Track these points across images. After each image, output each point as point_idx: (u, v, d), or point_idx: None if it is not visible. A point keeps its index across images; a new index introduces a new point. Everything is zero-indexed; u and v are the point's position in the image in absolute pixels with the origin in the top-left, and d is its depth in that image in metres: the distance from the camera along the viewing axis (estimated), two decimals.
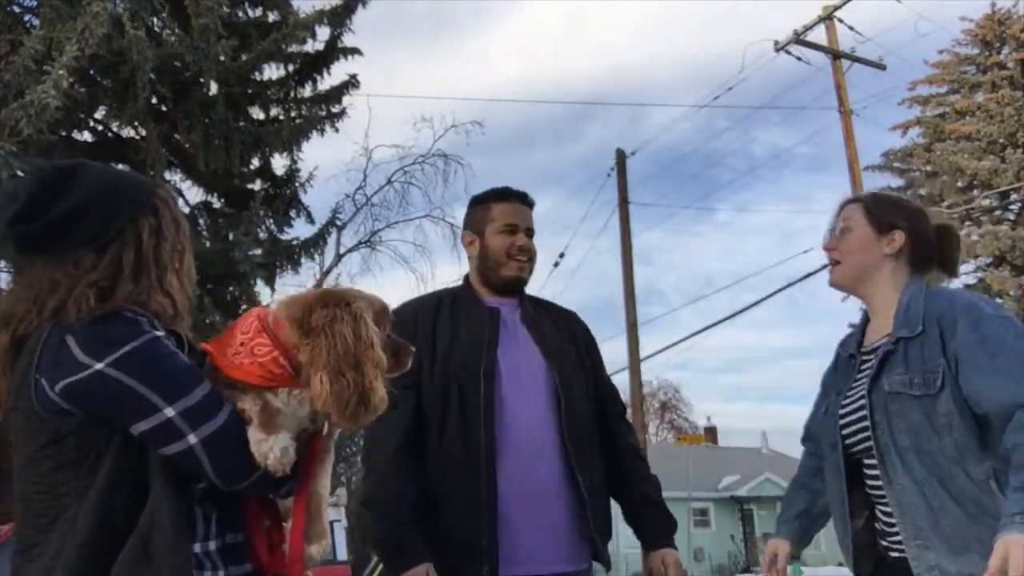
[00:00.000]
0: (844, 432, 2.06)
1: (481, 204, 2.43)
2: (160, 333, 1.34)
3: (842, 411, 2.08)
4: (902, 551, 1.92)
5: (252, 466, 1.30)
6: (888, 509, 1.95)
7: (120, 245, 1.38)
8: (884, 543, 2.00)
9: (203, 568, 1.32)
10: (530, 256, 2.36)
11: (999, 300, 21.45)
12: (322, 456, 1.47)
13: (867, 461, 2.02)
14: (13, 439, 1.36)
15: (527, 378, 2.24)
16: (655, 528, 2.32)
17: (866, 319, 2.17)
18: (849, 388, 2.09)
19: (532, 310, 2.41)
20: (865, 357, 2.10)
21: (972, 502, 1.80)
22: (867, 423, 1.98)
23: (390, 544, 2.08)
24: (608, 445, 2.35)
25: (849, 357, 2.16)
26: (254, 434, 1.30)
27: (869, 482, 2.03)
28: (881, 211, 2.13)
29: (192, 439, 1.27)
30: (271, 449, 1.29)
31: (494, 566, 2.04)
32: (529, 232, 2.38)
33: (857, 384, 2.07)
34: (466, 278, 2.44)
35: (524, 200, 2.42)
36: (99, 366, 1.25)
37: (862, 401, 2.00)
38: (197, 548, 1.32)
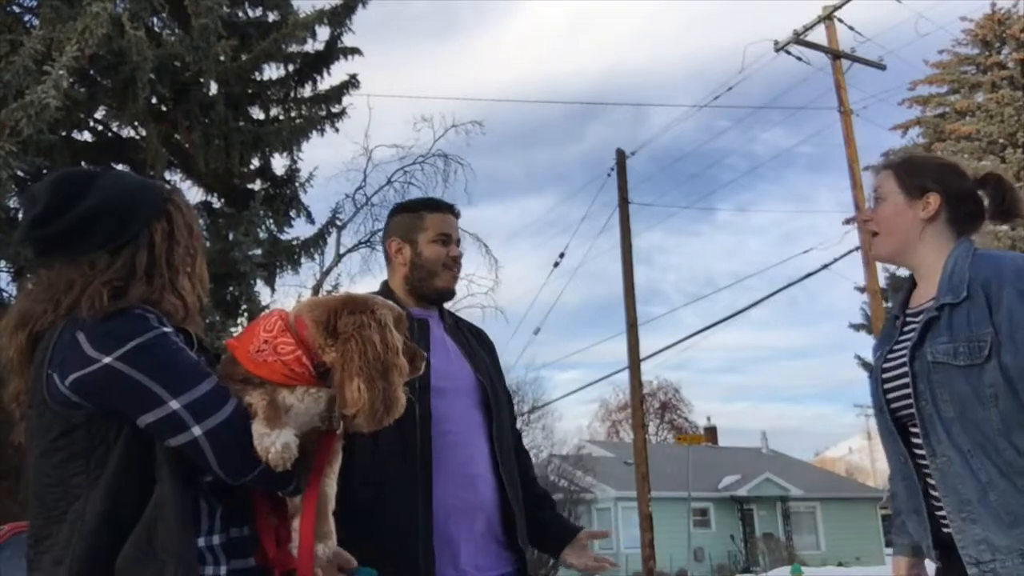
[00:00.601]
0: (888, 396, 1.98)
1: (412, 212, 2.39)
2: (168, 330, 1.38)
3: (885, 375, 2.00)
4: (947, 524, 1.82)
5: (255, 460, 1.31)
6: (933, 481, 1.88)
7: (134, 248, 1.44)
8: (937, 514, 1.92)
9: (205, 563, 1.34)
10: (459, 267, 2.37)
11: None
12: (331, 456, 1.49)
13: (912, 429, 1.95)
14: (27, 436, 1.43)
15: (460, 391, 2.22)
16: (562, 527, 2.37)
17: (913, 282, 2.09)
18: (890, 351, 2.02)
19: (453, 323, 2.40)
20: (909, 319, 2.03)
21: (1020, 474, 1.75)
22: (910, 391, 1.91)
23: None
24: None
25: (894, 319, 2.08)
26: (257, 428, 1.32)
27: (915, 451, 1.94)
28: (911, 175, 2.04)
29: (196, 431, 1.30)
30: (273, 443, 1.30)
31: (431, 572, 2.03)
32: (458, 243, 2.38)
33: (899, 348, 2.00)
34: (385, 285, 2.38)
35: (454, 211, 2.42)
36: (107, 360, 1.30)
37: (904, 368, 1.93)
38: (201, 542, 1.35)
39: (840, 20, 14.07)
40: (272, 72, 11.41)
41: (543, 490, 2.46)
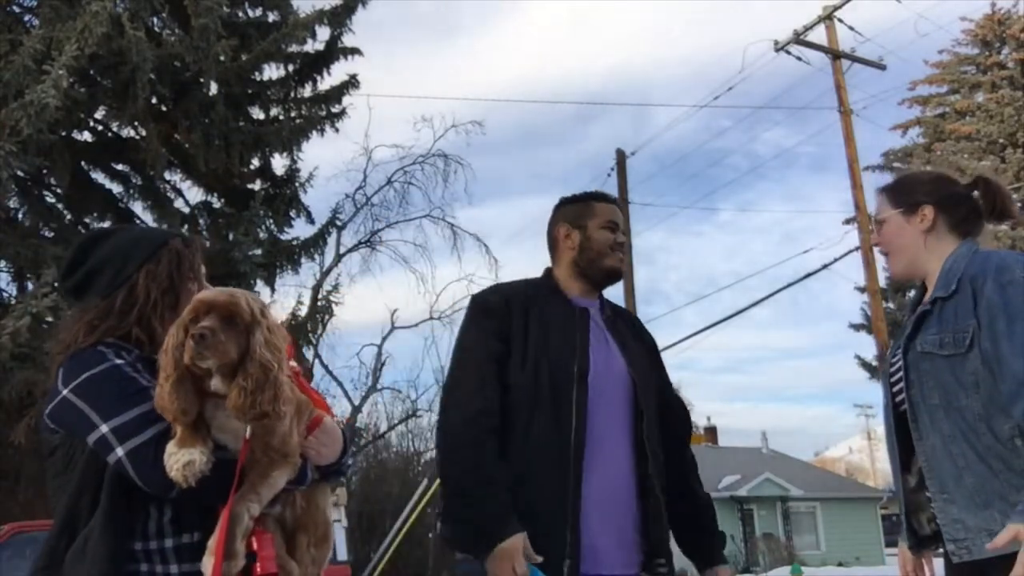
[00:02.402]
0: (893, 391, 2.10)
1: (581, 202, 2.45)
2: (121, 362, 1.57)
3: (891, 370, 2.12)
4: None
5: (169, 477, 1.43)
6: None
7: (121, 291, 1.66)
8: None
9: (149, 561, 1.50)
10: (624, 254, 2.44)
11: None
12: (258, 469, 1.50)
13: (911, 420, 2.06)
14: None
15: (614, 383, 2.25)
16: (708, 545, 2.35)
17: (924, 287, 2.17)
18: (896, 349, 2.13)
19: (612, 314, 2.43)
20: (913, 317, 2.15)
21: (997, 458, 1.84)
22: (904, 382, 2.03)
23: (484, 519, 2.03)
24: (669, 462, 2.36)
25: (907, 319, 2.18)
26: (168, 447, 1.44)
27: (916, 442, 2.05)
28: (903, 192, 2.15)
29: (120, 451, 1.47)
30: (178, 461, 1.41)
31: (576, 561, 2.05)
32: (623, 232, 2.45)
33: (900, 345, 2.12)
34: (549, 273, 2.44)
35: (618, 204, 2.50)
36: (65, 392, 1.54)
37: (900, 361, 2.05)
38: (152, 545, 1.50)
39: (840, 20, 14.08)
40: (272, 72, 11.43)
41: (705, 499, 2.42)
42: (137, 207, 10.79)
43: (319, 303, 12.79)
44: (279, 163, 11.63)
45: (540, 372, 2.17)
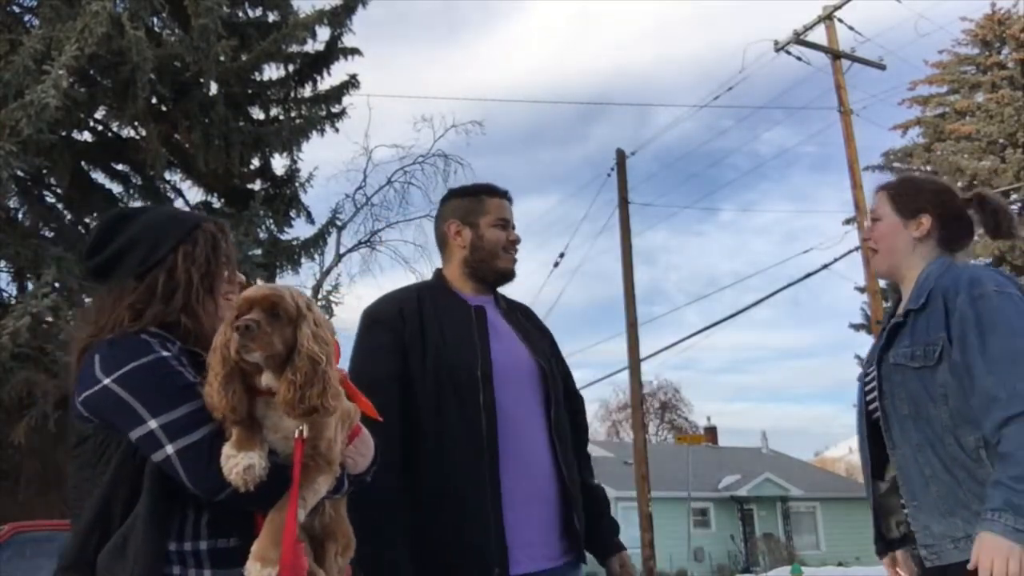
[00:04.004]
0: (867, 399, 2.16)
1: (472, 196, 2.38)
2: (167, 354, 1.50)
3: (865, 379, 2.17)
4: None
5: (224, 480, 1.38)
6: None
7: (158, 272, 1.60)
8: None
9: (183, 564, 1.44)
10: (516, 251, 2.37)
11: None
12: (307, 473, 1.45)
13: (884, 430, 2.11)
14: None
15: (519, 378, 2.22)
16: (607, 533, 2.34)
17: (899, 295, 2.23)
18: (871, 360, 2.18)
19: (507, 307, 2.38)
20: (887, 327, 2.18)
21: (962, 468, 1.89)
22: (877, 392, 2.08)
23: (383, 567, 1.97)
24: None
25: (881, 328, 2.23)
26: (225, 450, 1.39)
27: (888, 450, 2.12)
28: (906, 197, 2.17)
29: (170, 449, 1.41)
30: (237, 464, 1.37)
31: (504, 568, 2.02)
32: (514, 228, 2.38)
33: (874, 356, 2.17)
34: (440, 273, 2.37)
35: (510, 197, 2.41)
36: (106, 381, 1.45)
37: (874, 371, 2.10)
38: (186, 547, 1.45)
39: (840, 20, 14.08)
40: (272, 72, 11.42)
41: (597, 486, 2.40)
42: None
43: (319, 303, 12.79)
44: (279, 163, 11.64)
45: (441, 374, 2.12)
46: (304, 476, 1.43)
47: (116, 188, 10.75)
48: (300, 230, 16.86)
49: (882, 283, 18.46)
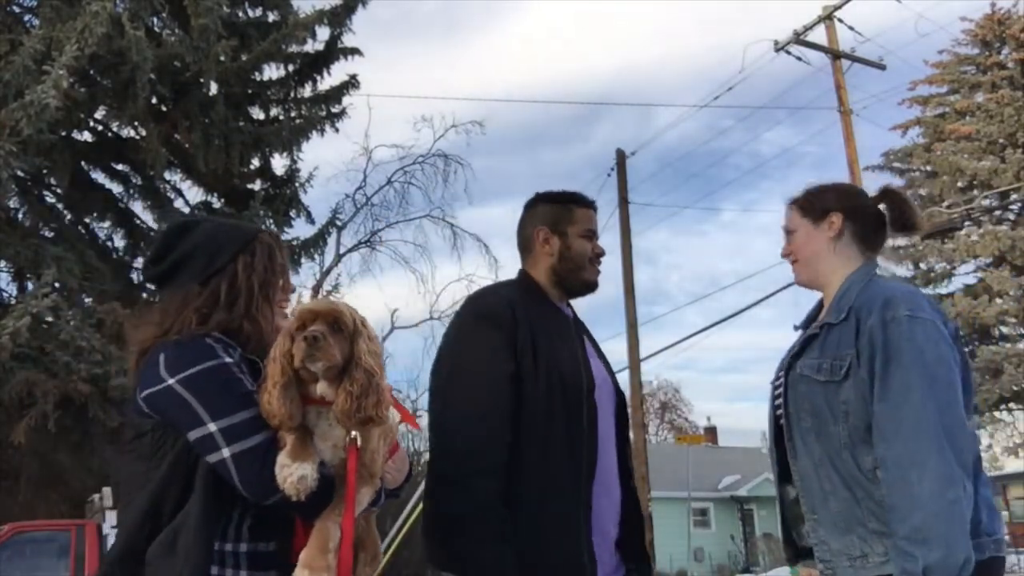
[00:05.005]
0: (775, 404, 2.13)
1: (561, 204, 2.33)
2: (230, 360, 1.56)
3: (775, 384, 2.15)
4: None
5: (275, 486, 1.43)
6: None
7: (219, 279, 1.67)
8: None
9: (222, 564, 1.49)
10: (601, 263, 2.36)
11: (999, 300, 21.48)
12: (359, 482, 1.52)
13: (787, 439, 2.10)
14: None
15: (607, 397, 2.22)
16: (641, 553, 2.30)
17: (820, 302, 2.21)
18: (782, 364, 2.16)
19: (574, 316, 2.36)
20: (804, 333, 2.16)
21: (859, 486, 1.86)
22: (783, 400, 2.06)
23: (480, 566, 1.91)
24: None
25: (796, 330, 2.22)
26: (280, 459, 1.44)
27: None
28: (812, 201, 2.17)
29: (226, 452, 1.46)
30: (291, 474, 1.42)
31: None
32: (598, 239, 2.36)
33: (784, 362, 2.15)
34: (528, 275, 2.30)
35: (595, 208, 2.38)
36: (171, 381, 1.51)
37: (783, 379, 2.09)
38: (228, 547, 1.50)
39: (840, 20, 14.06)
40: (272, 72, 11.43)
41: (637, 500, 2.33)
42: (137, 207, 10.81)
43: None
44: (279, 163, 11.66)
45: (553, 385, 2.06)
46: (343, 487, 1.49)
47: (116, 188, 10.78)
48: (300, 230, 16.85)
49: None
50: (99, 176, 10.62)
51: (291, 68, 11.59)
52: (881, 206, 2.15)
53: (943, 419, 1.76)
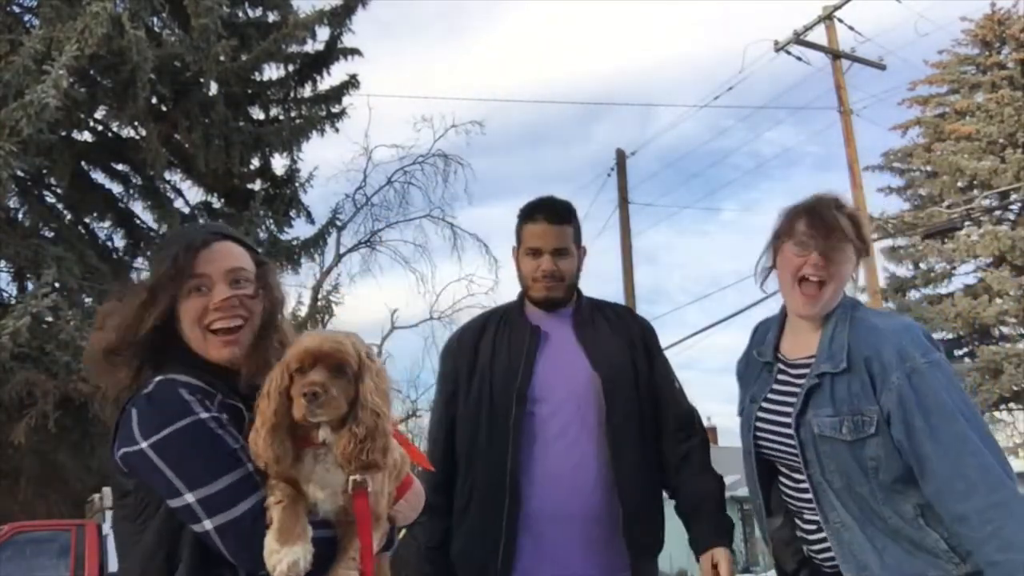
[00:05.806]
0: (760, 443, 2.06)
1: (519, 219, 2.36)
2: (206, 415, 1.44)
3: (759, 423, 2.06)
4: (830, 562, 1.96)
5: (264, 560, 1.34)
6: (813, 518, 1.98)
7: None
8: (808, 548, 2.04)
9: None
10: (558, 277, 2.27)
11: (999, 300, 21.46)
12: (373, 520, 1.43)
13: (782, 468, 2.06)
14: None
15: (568, 393, 2.21)
16: (697, 533, 2.25)
17: (781, 326, 2.11)
18: (765, 399, 2.06)
19: (589, 315, 2.33)
20: (783, 369, 2.06)
21: (907, 539, 1.84)
22: (790, 449, 1.98)
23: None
24: (659, 452, 2.28)
25: (765, 364, 2.11)
26: (268, 542, 1.33)
27: (785, 489, 2.06)
28: (861, 228, 2.05)
29: (208, 525, 1.37)
30: (280, 561, 1.30)
31: None
32: (557, 252, 2.27)
33: (776, 403, 2.04)
34: (521, 294, 2.41)
35: (550, 219, 2.29)
36: (143, 445, 1.41)
37: (788, 431, 1.98)
38: None
39: (840, 20, 14.05)
40: (272, 72, 11.44)
41: (691, 482, 2.25)
42: (137, 207, 10.80)
43: (319, 303, 12.80)
44: (279, 163, 11.66)
45: (481, 394, 2.24)
46: (350, 532, 1.39)
47: (116, 188, 10.78)
48: (300, 230, 16.84)
49: (882, 283, 18.48)
50: (99, 176, 10.62)
51: (291, 68, 11.59)
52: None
53: (996, 455, 1.79)
